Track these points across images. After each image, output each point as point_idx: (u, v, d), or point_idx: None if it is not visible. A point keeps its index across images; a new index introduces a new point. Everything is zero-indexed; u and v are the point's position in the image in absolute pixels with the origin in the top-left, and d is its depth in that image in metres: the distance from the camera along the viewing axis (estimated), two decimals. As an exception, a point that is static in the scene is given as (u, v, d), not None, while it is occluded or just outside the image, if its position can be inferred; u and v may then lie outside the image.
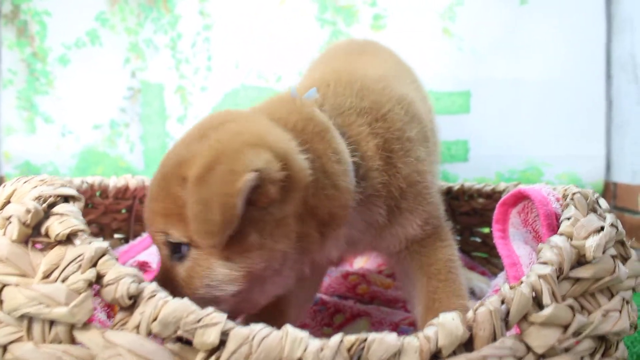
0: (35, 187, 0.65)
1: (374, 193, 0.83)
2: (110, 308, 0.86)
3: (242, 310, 0.79)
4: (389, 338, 0.52)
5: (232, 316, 0.75)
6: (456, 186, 1.38)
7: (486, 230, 1.40)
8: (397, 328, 0.97)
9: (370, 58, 1.13)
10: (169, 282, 0.72)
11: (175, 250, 0.73)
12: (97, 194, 1.18)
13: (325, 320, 1.03)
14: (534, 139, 1.88)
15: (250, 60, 1.91)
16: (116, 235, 1.33)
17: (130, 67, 1.93)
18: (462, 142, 1.89)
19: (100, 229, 1.27)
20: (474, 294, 1.07)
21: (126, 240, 1.34)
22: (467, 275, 1.13)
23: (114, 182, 1.22)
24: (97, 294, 0.56)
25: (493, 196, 1.28)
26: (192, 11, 1.91)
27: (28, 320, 0.54)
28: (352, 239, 0.86)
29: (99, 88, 1.93)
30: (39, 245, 0.60)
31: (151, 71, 1.93)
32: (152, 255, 1.21)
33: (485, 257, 1.37)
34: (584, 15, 1.84)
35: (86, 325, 0.53)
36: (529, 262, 0.86)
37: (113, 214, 1.28)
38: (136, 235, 1.35)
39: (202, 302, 0.70)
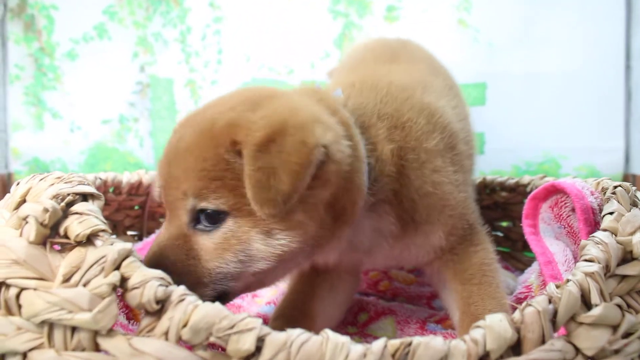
0: (52, 184, 0.62)
1: (384, 199, 0.81)
2: (128, 309, 0.83)
3: (248, 290, 0.78)
4: (435, 342, 0.49)
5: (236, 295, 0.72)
6: (477, 179, 1.35)
7: (507, 224, 1.37)
8: (424, 326, 0.94)
9: (400, 67, 1.10)
10: (175, 251, 0.70)
11: (196, 219, 0.70)
12: (111, 190, 1.15)
13: (349, 319, 1.00)
14: (551, 131, 1.85)
15: (262, 53, 1.88)
16: (129, 233, 1.31)
17: (139, 61, 1.89)
18: (478, 134, 1.85)
19: (113, 226, 1.24)
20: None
21: (139, 237, 1.31)
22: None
23: (127, 177, 1.19)
24: (119, 297, 0.53)
25: (517, 189, 1.25)
26: (201, 4, 1.87)
27: (49, 326, 0.50)
28: (358, 245, 0.84)
29: (107, 83, 1.90)
30: (56, 247, 0.57)
31: (160, 65, 1.89)
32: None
33: (508, 252, 1.33)
34: (603, 6, 1.80)
35: (111, 331, 0.50)
36: (564, 259, 0.83)
37: (126, 210, 1.25)
38: (150, 232, 1.32)
39: (219, 277, 0.67)
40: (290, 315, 0.87)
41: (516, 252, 1.31)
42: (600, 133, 1.83)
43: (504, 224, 1.37)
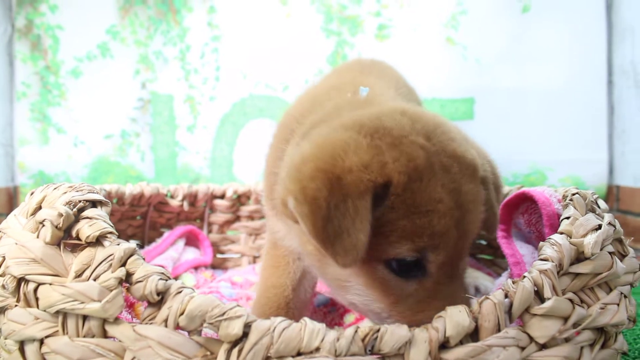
0: (65, 193, 0.69)
1: None
2: (131, 308, 0.90)
3: None
4: (400, 329, 0.56)
5: None
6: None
7: (490, 233, 1.43)
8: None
9: (375, 79, 1.15)
10: None
11: None
12: (114, 201, 1.23)
13: (336, 321, 1.06)
14: (537, 144, 1.92)
15: (258, 70, 1.96)
16: (131, 241, 1.37)
17: (140, 78, 1.97)
18: (467, 148, 1.92)
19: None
20: (479, 291, 1.11)
21: (141, 246, 1.38)
22: (474, 274, 1.17)
23: (130, 189, 1.26)
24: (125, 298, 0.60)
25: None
26: (200, 23, 1.95)
27: (63, 315, 0.58)
28: None
29: (110, 99, 1.98)
30: (68, 247, 0.64)
31: (161, 82, 1.98)
32: (167, 260, 1.25)
33: (490, 259, 1.40)
34: (586, 23, 1.88)
35: (117, 320, 0.57)
36: (532, 260, 0.90)
37: (129, 220, 1.32)
38: (150, 241, 1.39)
39: None
40: (269, 314, 0.93)
41: (497, 259, 1.37)
42: (584, 146, 1.90)
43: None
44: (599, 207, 0.81)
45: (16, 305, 0.61)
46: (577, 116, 1.90)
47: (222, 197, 1.56)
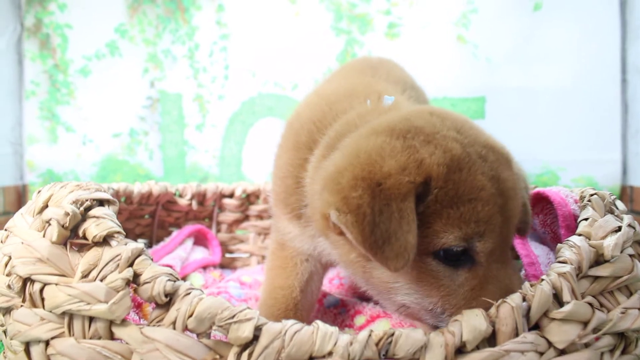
0: (72, 191, 0.68)
1: None
2: (139, 308, 0.89)
3: None
4: (415, 333, 0.54)
5: None
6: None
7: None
8: (417, 329, 0.99)
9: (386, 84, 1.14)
10: None
11: None
12: (122, 199, 1.21)
13: (347, 322, 1.05)
14: (549, 144, 1.89)
15: (267, 69, 1.94)
16: (139, 240, 1.36)
17: (149, 77, 1.96)
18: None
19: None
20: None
21: (149, 245, 1.37)
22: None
23: (138, 188, 1.25)
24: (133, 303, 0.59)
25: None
26: (209, 22, 1.94)
27: (69, 316, 0.56)
28: None
29: (118, 98, 1.97)
30: (75, 247, 0.63)
31: (169, 81, 1.97)
32: (175, 260, 1.24)
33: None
34: (599, 21, 1.85)
35: (124, 321, 0.56)
36: (547, 261, 0.88)
37: (137, 219, 1.31)
38: (159, 240, 1.38)
39: None
40: (277, 315, 0.92)
41: (510, 260, 1.35)
42: (597, 145, 1.87)
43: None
44: (617, 208, 0.80)
45: (22, 306, 0.60)
46: (590, 115, 1.87)
47: (231, 196, 1.55)
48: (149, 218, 1.37)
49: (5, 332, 0.62)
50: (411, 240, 0.65)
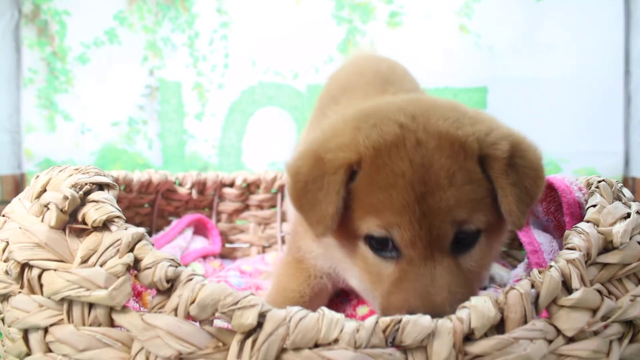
0: (71, 175, 0.67)
1: None
2: (139, 297, 0.87)
3: None
4: (423, 320, 0.53)
5: None
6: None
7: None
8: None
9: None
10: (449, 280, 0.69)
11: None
12: (121, 188, 1.20)
13: (349, 312, 1.04)
14: (551, 135, 1.87)
15: (267, 58, 1.92)
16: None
17: (148, 65, 1.94)
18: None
19: (123, 223, 1.28)
20: (494, 281, 1.09)
21: (148, 234, 1.35)
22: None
23: (137, 176, 1.23)
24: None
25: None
26: (209, 9, 1.92)
27: (68, 303, 0.55)
28: None
29: (117, 86, 1.95)
30: (74, 232, 0.61)
31: (169, 69, 1.94)
32: (175, 249, 1.23)
33: (505, 251, 1.37)
34: (602, 12, 1.83)
35: (125, 308, 0.54)
36: (550, 249, 0.87)
37: (136, 208, 1.30)
38: (158, 229, 1.36)
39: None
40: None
41: (512, 250, 1.34)
42: (600, 136, 1.86)
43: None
44: (624, 195, 0.78)
45: (20, 292, 0.58)
46: (592, 107, 1.85)
47: (232, 185, 1.54)
48: (149, 207, 1.36)
49: (3, 319, 0.61)
50: (330, 211, 0.69)
